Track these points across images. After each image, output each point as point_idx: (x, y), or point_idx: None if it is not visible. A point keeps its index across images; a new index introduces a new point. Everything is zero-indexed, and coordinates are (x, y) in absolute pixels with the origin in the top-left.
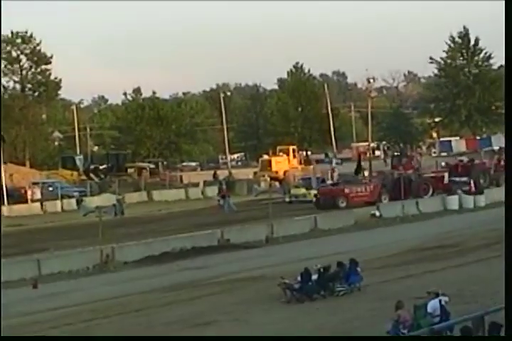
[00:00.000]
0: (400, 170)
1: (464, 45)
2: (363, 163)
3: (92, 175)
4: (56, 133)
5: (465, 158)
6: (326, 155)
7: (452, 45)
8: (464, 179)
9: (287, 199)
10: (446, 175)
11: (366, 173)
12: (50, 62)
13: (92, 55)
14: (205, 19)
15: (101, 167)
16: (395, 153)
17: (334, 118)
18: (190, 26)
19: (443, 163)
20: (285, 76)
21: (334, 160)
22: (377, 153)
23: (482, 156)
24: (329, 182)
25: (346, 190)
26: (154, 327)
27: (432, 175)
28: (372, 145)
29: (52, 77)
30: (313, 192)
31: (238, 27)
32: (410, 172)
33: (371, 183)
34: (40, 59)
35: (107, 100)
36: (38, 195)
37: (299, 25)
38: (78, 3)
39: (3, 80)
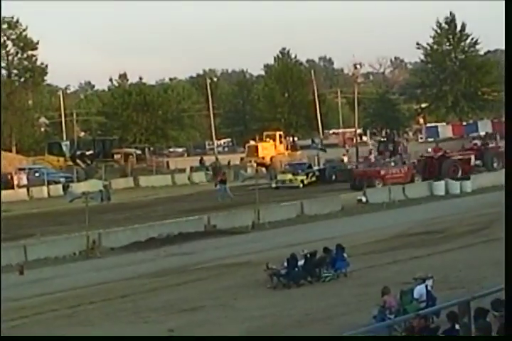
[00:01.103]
0: (386, 155)
1: (450, 31)
2: (348, 148)
3: (78, 160)
4: (42, 119)
5: (479, 142)
6: (313, 141)
7: (439, 30)
8: (478, 162)
9: (274, 185)
10: (472, 157)
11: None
12: (37, 48)
13: (78, 40)
14: (192, 5)
15: (87, 153)
16: (382, 139)
17: (321, 104)
18: (177, 12)
19: (429, 149)
20: (272, 62)
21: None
22: (363, 138)
23: (498, 139)
24: (316, 167)
25: (382, 172)
26: (140, 313)
27: (460, 157)
28: (351, 130)
29: (38, 63)
30: (300, 177)
31: (225, 13)
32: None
33: (405, 165)
34: (27, 44)
35: (93, 86)
36: (25, 181)
37: (286, 11)
38: None
39: None
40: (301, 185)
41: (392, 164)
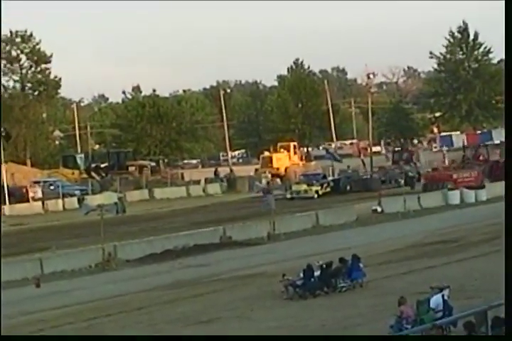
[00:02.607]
0: (401, 164)
1: (463, 40)
2: (363, 158)
3: (93, 173)
4: (57, 132)
5: None
6: (327, 151)
7: (452, 39)
8: None
9: (288, 196)
10: None
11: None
12: (50, 61)
13: (92, 53)
14: (204, 17)
15: (102, 165)
16: (396, 149)
17: (334, 114)
18: (189, 24)
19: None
20: (285, 72)
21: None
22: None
23: None
24: (330, 178)
25: (454, 176)
26: (156, 325)
27: None
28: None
29: (52, 76)
30: (315, 188)
31: (238, 24)
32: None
33: (475, 170)
34: (40, 58)
35: (107, 98)
36: (40, 194)
37: (299, 21)
38: (78, 3)
39: (3, 79)
40: (316, 196)
41: (410, 174)
